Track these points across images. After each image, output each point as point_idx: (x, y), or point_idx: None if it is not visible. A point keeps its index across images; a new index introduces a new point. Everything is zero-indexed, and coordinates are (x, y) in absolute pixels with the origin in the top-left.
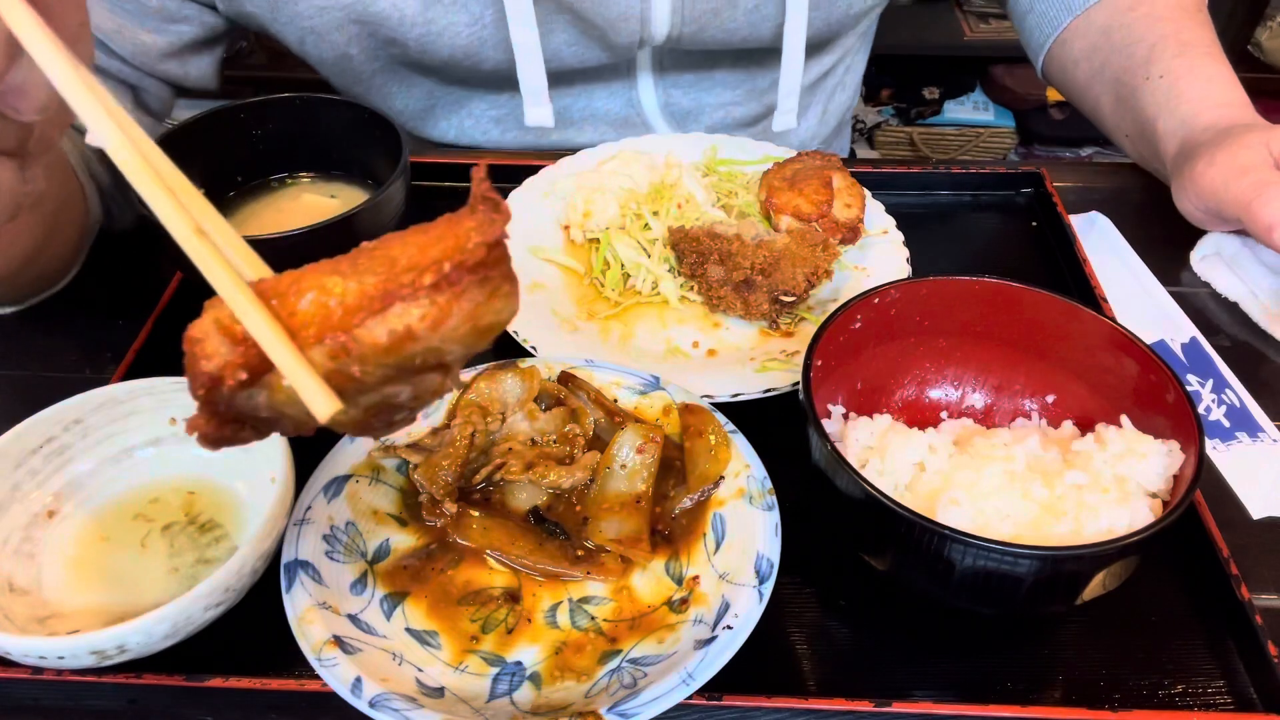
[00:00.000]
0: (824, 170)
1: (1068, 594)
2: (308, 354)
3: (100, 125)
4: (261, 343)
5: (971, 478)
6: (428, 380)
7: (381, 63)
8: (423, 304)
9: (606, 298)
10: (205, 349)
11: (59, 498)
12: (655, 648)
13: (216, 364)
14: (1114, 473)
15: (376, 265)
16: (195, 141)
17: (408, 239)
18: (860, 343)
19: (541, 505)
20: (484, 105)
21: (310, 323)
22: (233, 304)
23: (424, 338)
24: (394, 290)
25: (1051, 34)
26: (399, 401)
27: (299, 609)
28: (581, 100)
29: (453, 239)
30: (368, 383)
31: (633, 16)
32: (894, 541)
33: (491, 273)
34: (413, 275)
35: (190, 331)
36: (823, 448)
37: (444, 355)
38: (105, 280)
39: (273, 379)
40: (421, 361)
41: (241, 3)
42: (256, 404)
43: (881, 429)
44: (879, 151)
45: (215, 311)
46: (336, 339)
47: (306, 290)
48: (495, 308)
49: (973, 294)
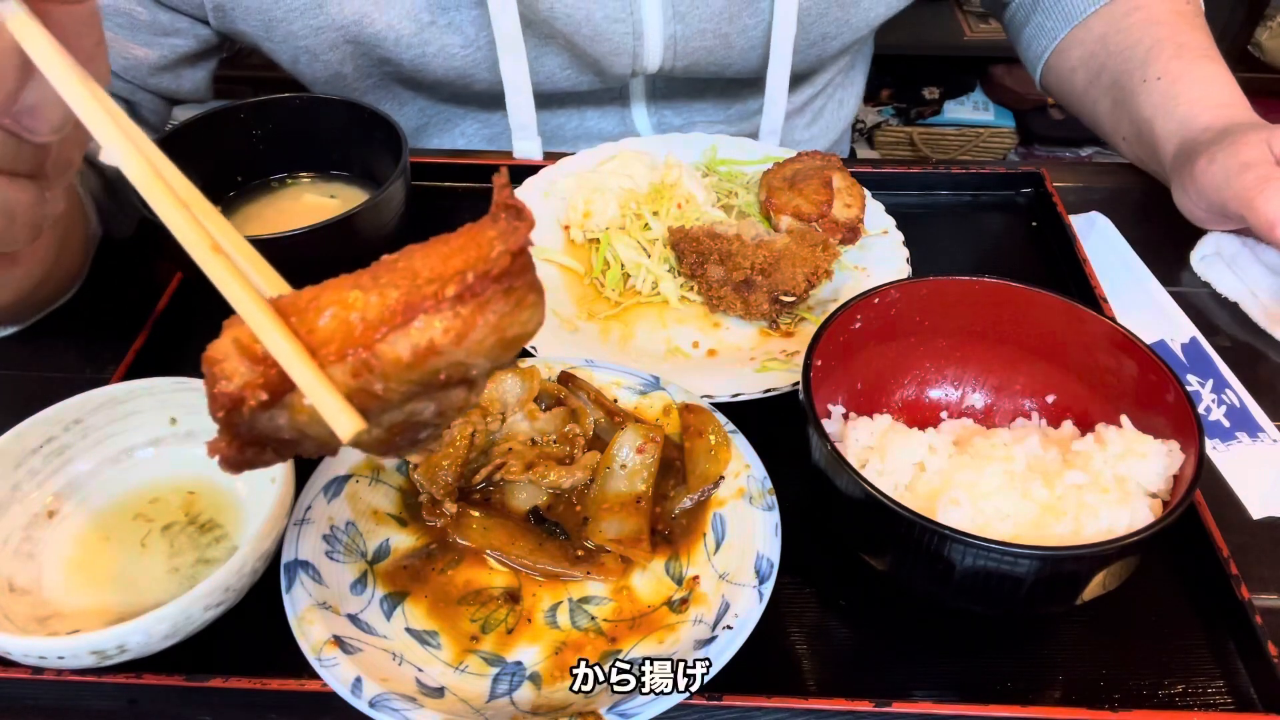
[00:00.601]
0: (824, 170)
1: (1068, 594)
2: (329, 372)
3: (114, 144)
4: (282, 361)
5: (971, 478)
6: (452, 396)
7: (374, 80)
8: (446, 316)
9: (606, 298)
10: (225, 370)
11: (59, 498)
12: (655, 648)
13: (237, 384)
14: (1114, 473)
15: (398, 278)
16: (195, 141)
17: (429, 250)
18: (860, 343)
19: (541, 505)
20: (476, 125)
21: (331, 339)
22: (252, 322)
23: (448, 352)
24: (416, 303)
25: (1049, 45)
26: (423, 419)
27: (299, 609)
28: (574, 120)
29: (475, 249)
30: (391, 400)
31: (625, 50)
32: (894, 541)
33: (516, 282)
34: (435, 287)
35: (209, 353)
36: (823, 448)
37: (469, 370)
38: (105, 281)
39: (294, 399)
40: (446, 376)
41: (234, 21)
42: (278, 425)
43: (881, 429)
44: (879, 151)
45: (234, 331)
46: (358, 355)
47: (326, 306)
48: (521, 319)
49: (973, 294)
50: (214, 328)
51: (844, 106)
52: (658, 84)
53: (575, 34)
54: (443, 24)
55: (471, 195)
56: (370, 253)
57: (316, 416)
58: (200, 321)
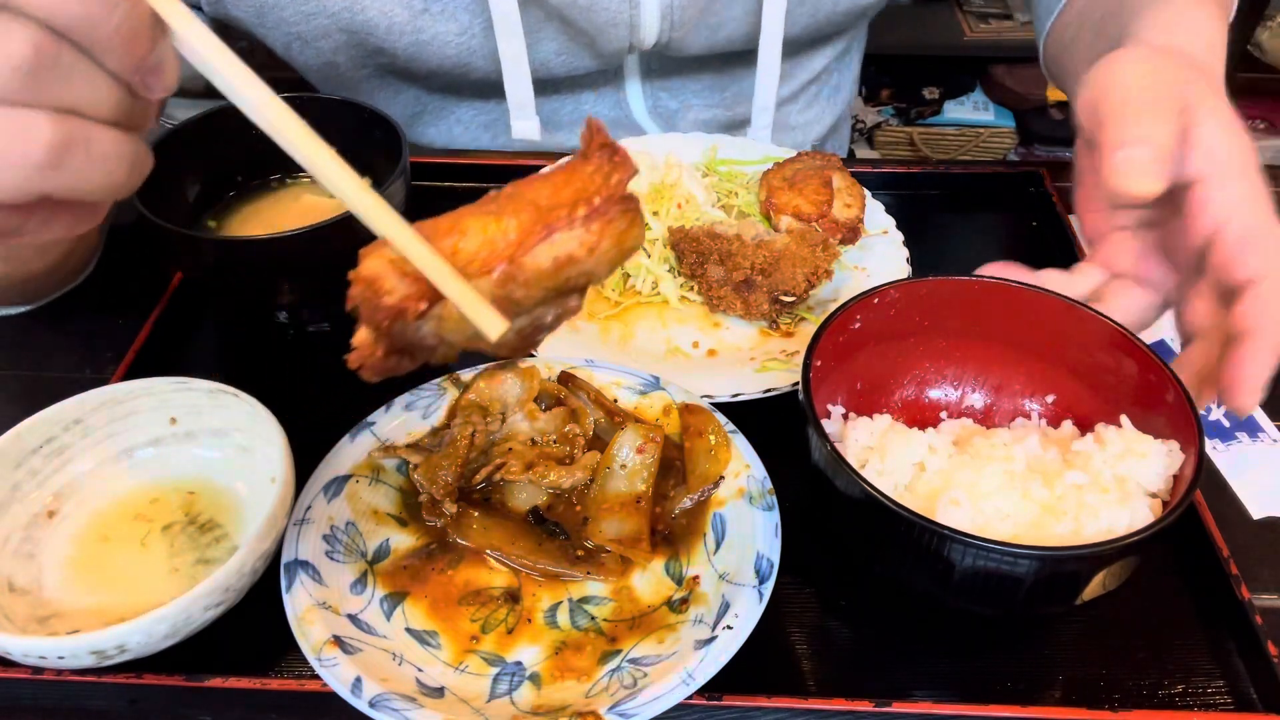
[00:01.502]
0: (824, 170)
1: (1068, 594)
2: (474, 284)
3: (255, 93)
4: (433, 277)
5: (971, 478)
6: (568, 302)
7: (368, 70)
8: (579, 233)
9: (606, 298)
10: (384, 286)
11: (59, 498)
12: (655, 648)
13: (398, 297)
14: (1114, 473)
15: (520, 206)
16: (195, 141)
17: (536, 185)
18: (860, 342)
19: (541, 505)
20: (472, 112)
21: (475, 257)
22: (404, 246)
23: (581, 261)
24: (551, 223)
25: (1055, 7)
26: (544, 323)
27: (299, 609)
28: (570, 105)
29: (580, 180)
30: (525, 305)
31: (621, 23)
32: (894, 542)
33: (630, 204)
34: (564, 210)
35: (362, 273)
36: (822, 448)
37: (592, 276)
38: (105, 280)
39: (443, 309)
40: (571, 284)
41: (227, 7)
42: (423, 333)
43: (881, 429)
44: (879, 151)
45: (380, 253)
46: (504, 267)
47: (468, 229)
48: (635, 234)
49: (973, 294)
50: (214, 328)
51: (840, 92)
52: (653, 63)
53: (571, 6)
54: (436, 10)
55: (472, 195)
56: None
57: (461, 323)
58: (200, 321)
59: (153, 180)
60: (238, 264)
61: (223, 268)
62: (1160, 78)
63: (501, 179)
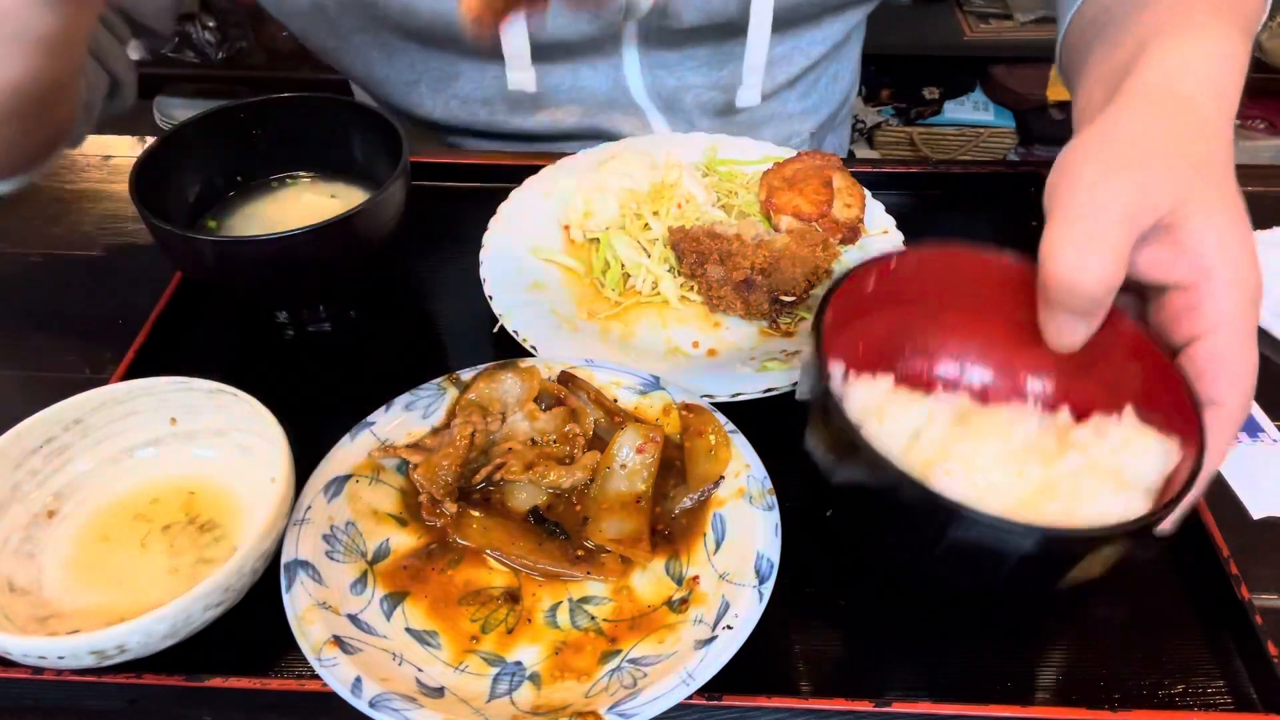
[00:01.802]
0: (824, 170)
1: (1051, 575)
2: None
3: None
4: None
5: (968, 450)
6: None
7: (360, 23)
8: None
9: (607, 298)
10: None
11: (59, 498)
12: (655, 648)
13: None
14: (1111, 462)
15: None
16: (195, 141)
17: None
18: (868, 306)
19: (541, 505)
20: (471, 86)
21: None
22: None
23: None
24: None
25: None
26: None
27: (299, 609)
28: (568, 79)
29: None
30: None
31: None
32: (881, 505)
33: None
34: None
35: None
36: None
37: None
38: (105, 280)
39: None
40: None
41: None
42: None
43: (882, 391)
44: (879, 151)
45: None
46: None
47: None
48: None
49: (988, 270)
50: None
51: (839, 82)
52: (650, 36)
53: None
54: None
55: (472, 195)
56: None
57: None
58: (200, 321)
59: (153, 180)
60: (238, 264)
61: (223, 268)
62: (1125, 181)
63: (501, 179)
